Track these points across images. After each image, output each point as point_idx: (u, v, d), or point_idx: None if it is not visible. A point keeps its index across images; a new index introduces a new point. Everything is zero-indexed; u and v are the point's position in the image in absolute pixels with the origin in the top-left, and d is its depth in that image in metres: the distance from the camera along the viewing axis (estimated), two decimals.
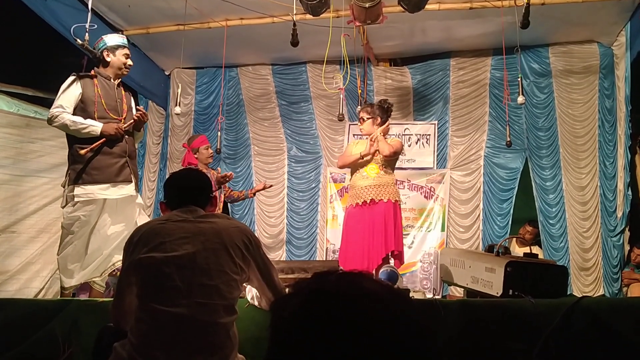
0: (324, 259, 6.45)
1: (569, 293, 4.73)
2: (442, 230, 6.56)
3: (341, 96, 5.50)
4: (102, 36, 4.09)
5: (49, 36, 5.42)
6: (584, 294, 5.18)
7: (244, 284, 2.46)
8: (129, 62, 4.08)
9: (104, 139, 3.81)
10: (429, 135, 6.80)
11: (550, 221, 6.37)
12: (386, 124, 4.53)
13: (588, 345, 2.50)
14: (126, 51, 4.07)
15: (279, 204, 7.05)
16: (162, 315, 2.03)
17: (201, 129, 7.15)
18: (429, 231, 6.57)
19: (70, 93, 3.85)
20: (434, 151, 6.76)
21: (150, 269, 2.10)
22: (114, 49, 4.01)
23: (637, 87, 5.75)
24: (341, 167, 5.01)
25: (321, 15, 4.88)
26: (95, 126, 3.79)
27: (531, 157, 6.51)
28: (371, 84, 6.89)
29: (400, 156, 4.64)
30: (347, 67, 5.31)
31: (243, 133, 7.23)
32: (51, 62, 6.32)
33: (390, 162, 4.44)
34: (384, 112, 4.57)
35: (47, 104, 6.70)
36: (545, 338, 2.49)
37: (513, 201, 6.51)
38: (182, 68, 7.13)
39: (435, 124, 6.81)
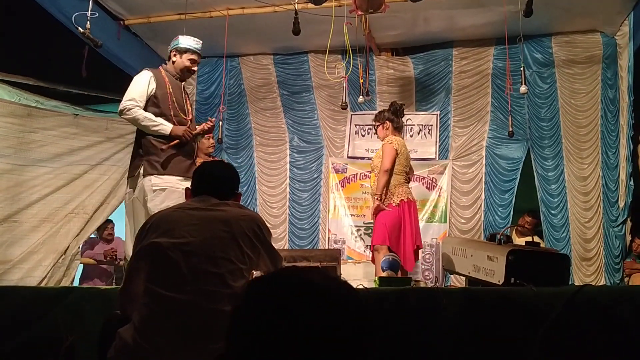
0: (326, 248, 6.46)
1: (570, 283, 4.73)
2: (444, 221, 6.57)
3: (344, 84, 5.49)
4: (179, 36, 4.15)
5: (50, 25, 5.41)
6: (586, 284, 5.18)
7: (252, 272, 2.46)
8: (194, 68, 4.15)
9: (177, 140, 3.87)
10: (431, 125, 6.79)
11: (552, 211, 6.36)
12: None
13: (590, 333, 2.50)
14: (194, 57, 4.11)
15: (281, 194, 7.05)
16: (167, 301, 2.03)
17: (202, 119, 7.11)
18: (430, 222, 6.57)
19: (143, 87, 3.91)
20: (436, 142, 6.75)
21: (157, 254, 2.11)
22: (182, 51, 4.08)
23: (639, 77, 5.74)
24: None
25: (323, 5, 4.86)
26: (165, 126, 3.87)
27: (533, 147, 6.50)
28: (373, 74, 6.86)
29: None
30: (349, 56, 5.30)
31: (245, 123, 7.22)
32: (53, 51, 6.31)
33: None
34: (392, 114, 4.83)
35: (49, 93, 6.71)
36: (547, 326, 2.49)
37: (515, 192, 6.50)
38: None
39: (437, 114, 6.79)
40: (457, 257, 3.61)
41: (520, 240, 6.21)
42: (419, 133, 6.79)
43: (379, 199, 4.55)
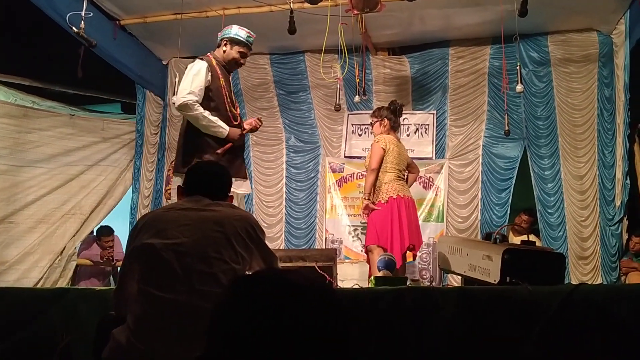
0: (323, 248, 6.45)
1: (567, 282, 4.74)
2: (441, 220, 6.57)
3: (338, 86, 5.49)
4: (233, 25, 4.05)
5: (45, 25, 5.40)
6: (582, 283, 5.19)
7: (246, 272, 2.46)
8: (242, 61, 4.05)
9: (231, 143, 3.83)
10: (428, 125, 6.79)
11: (549, 210, 6.37)
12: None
13: (585, 332, 2.50)
14: (244, 50, 4.01)
15: (278, 194, 7.05)
16: (161, 301, 2.03)
17: None
18: (427, 221, 6.57)
19: (201, 81, 3.79)
20: (433, 141, 6.75)
21: (150, 255, 2.11)
22: (234, 42, 3.97)
23: (636, 75, 5.72)
24: None
25: (319, 4, 4.85)
26: (224, 129, 3.80)
27: (530, 146, 6.50)
28: (370, 73, 6.86)
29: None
30: (345, 56, 5.30)
31: None
32: (48, 51, 6.30)
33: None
34: (391, 112, 4.88)
35: (45, 94, 6.71)
36: (543, 325, 2.49)
37: (511, 190, 6.50)
38: (180, 57, 7.07)
39: (434, 113, 6.79)
40: (453, 256, 3.61)
41: (517, 239, 6.21)
42: (415, 132, 6.79)
43: (367, 198, 4.58)
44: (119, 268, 5.90)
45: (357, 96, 5.90)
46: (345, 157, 6.93)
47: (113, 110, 7.77)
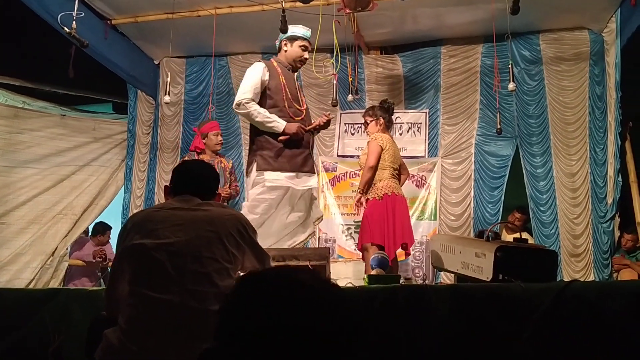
0: (316, 247, 6.44)
1: (559, 279, 4.75)
2: (434, 218, 6.58)
3: (334, 82, 5.48)
4: (288, 26, 4.14)
5: (36, 25, 5.37)
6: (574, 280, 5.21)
7: (238, 272, 2.46)
8: (306, 54, 4.13)
9: (287, 136, 3.86)
10: (420, 123, 6.80)
11: (541, 208, 6.39)
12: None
13: (578, 329, 2.51)
14: (305, 43, 4.11)
15: None
16: (153, 301, 2.02)
17: (191, 119, 7.12)
18: (420, 220, 6.58)
19: (257, 80, 3.91)
20: (425, 140, 6.76)
21: (142, 255, 2.10)
22: (292, 39, 4.09)
23: (627, 73, 5.75)
24: None
25: (311, 3, 4.85)
26: (279, 123, 3.86)
27: (522, 144, 6.52)
28: (362, 72, 6.86)
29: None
30: (337, 55, 5.29)
31: (233, 122, 7.18)
32: (39, 51, 6.27)
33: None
34: (385, 111, 4.89)
35: (36, 94, 6.68)
36: (535, 322, 2.50)
37: (504, 189, 6.51)
38: (172, 57, 7.07)
39: (426, 112, 6.80)
40: (446, 254, 3.61)
41: (510, 237, 6.21)
42: (408, 131, 6.80)
43: (361, 192, 4.59)
44: (109, 269, 5.89)
45: (349, 95, 5.90)
46: (338, 156, 6.92)
47: (104, 110, 7.74)
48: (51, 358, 2.97)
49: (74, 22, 4.17)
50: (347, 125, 6.92)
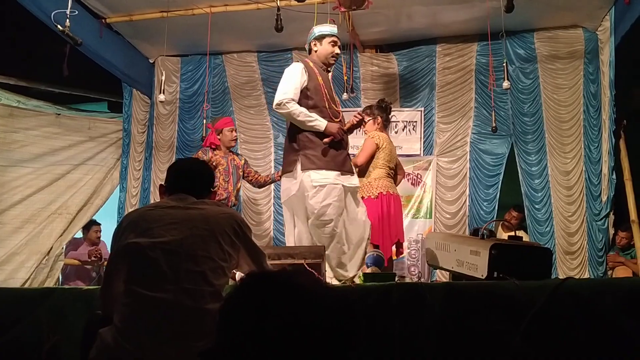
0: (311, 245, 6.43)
1: (554, 277, 4.77)
2: (429, 217, 6.59)
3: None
4: (313, 27, 4.16)
5: (31, 24, 5.35)
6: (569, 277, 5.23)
7: (234, 271, 2.46)
8: (337, 49, 4.11)
9: (332, 137, 3.85)
10: (416, 122, 6.81)
11: (536, 206, 6.40)
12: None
13: (572, 326, 2.52)
14: (333, 39, 4.09)
15: (266, 191, 7.01)
16: (148, 300, 2.02)
17: (187, 117, 7.11)
18: (416, 218, 6.60)
19: (297, 81, 3.91)
20: (421, 138, 6.77)
21: (136, 254, 2.10)
22: (321, 38, 4.09)
23: (621, 71, 5.77)
24: None
25: (306, 2, 4.86)
26: (320, 122, 3.85)
27: (517, 142, 6.53)
28: (357, 71, 6.86)
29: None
30: None
31: None
32: (34, 50, 6.25)
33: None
34: (382, 110, 4.94)
35: (30, 93, 6.65)
36: (530, 319, 2.51)
37: (499, 187, 6.52)
38: (166, 56, 7.04)
39: (421, 110, 6.81)
40: (441, 252, 3.62)
41: (506, 235, 6.26)
42: (403, 129, 6.81)
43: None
44: (104, 268, 5.88)
45: (345, 94, 5.90)
46: None
47: (99, 109, 7.72)
48: (46, 358, 2.96)
49: (68, 20, 4.14)
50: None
